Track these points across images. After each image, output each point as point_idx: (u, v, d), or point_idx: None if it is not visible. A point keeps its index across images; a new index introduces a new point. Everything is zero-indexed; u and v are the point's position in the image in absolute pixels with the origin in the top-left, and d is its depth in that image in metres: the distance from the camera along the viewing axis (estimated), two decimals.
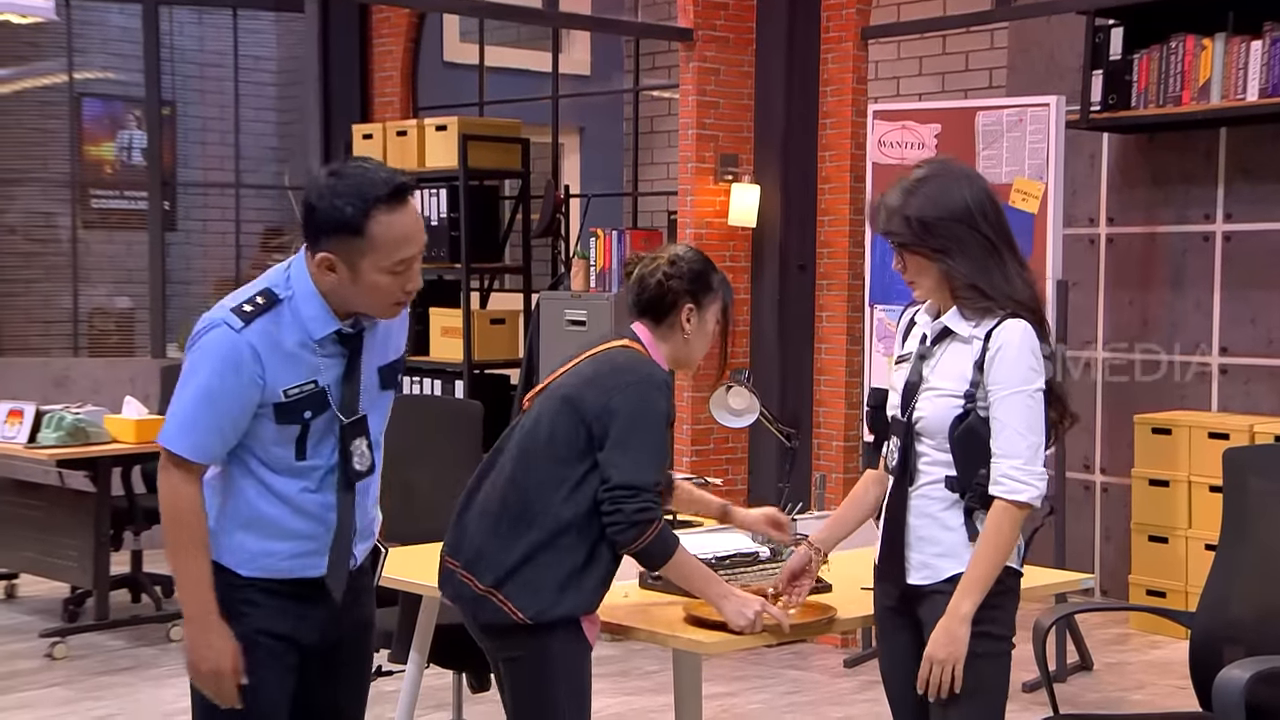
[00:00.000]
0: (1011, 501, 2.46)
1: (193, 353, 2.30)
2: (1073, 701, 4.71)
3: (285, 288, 2.32)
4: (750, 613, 2.63)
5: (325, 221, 2.25)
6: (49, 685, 4.88)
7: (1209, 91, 5.30)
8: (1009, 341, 2.47)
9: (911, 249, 2.52)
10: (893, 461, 2.59)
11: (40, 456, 5.21)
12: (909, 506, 2.55)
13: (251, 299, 2.30)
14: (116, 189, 7.60)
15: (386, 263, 2.27)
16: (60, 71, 7.45)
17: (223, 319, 2.29)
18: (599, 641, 2.69)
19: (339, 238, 2.25)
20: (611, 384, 2.61)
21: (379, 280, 2.28)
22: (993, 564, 2.47)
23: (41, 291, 7.46)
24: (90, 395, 6.46)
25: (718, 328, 2.77)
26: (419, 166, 6.53)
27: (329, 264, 2.27)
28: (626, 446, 2.56)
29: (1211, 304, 5.88)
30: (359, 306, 2.33)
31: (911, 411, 2.54)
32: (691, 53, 5.83)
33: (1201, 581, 3.19)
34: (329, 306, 2.31)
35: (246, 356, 2.26)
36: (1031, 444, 2.47)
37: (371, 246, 2.25)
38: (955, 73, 7.26)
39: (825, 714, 4.64)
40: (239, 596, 2.36)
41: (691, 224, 5.85)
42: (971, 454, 2.48)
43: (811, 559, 2.77)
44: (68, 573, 5.46)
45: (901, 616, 2.61)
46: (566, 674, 2.62)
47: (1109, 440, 6.15)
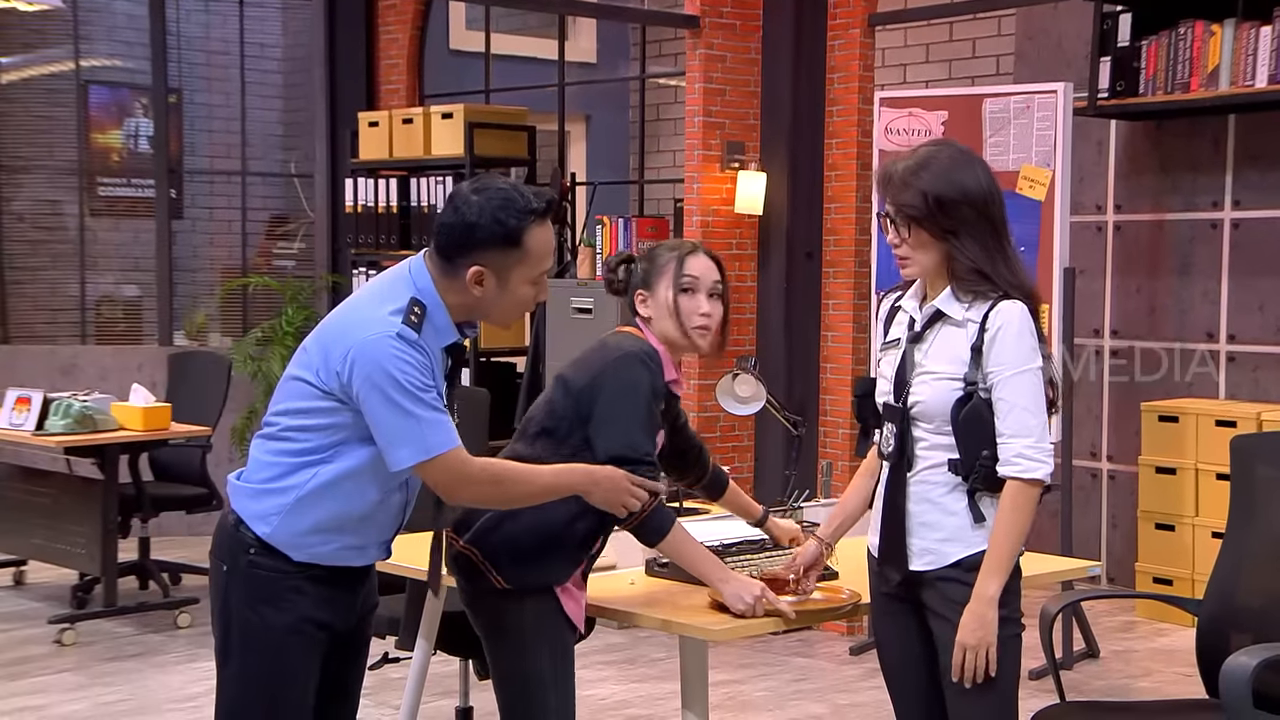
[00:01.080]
0: (1028, 480, 2.46)
1: (373, 371, 2.29)
2: (1079, 689, 4.71)
3: (424, 299, 2.39)
4: (750, 597, 2.63)
5: (487, 236, 2.37)
6: (58, 671, 4.90)
7: (1218, 78, 5.28)
8: (1009, 322, 2.47)
9: (920, 224, 2.51)
10: (888, 447, 2.58)
11: (48, 444, 5.22)
12: (908, 492, 2.55)
13: (409, 310, 2.35)
14: (123, 177, 7.60)
15: (534, 273, 2.43)
16: (67, 59, 7.45)
17: (395, 330, 2.32)
18: (608, 629, 2.69)
19: (497, 250, 2.38)
20: (597, 361, 2.67)
21: (525, 292, 2.43)
22: (1014, 544, 2.47)
23: (49, 279, 7.47)
24: (97, 383, 6.47)
25: (687, 295, 2.73)
26: (425, 154, 6.52)
27: (479, 277, 2.38)
28: (614, 419, 2.60)
29: (1219, 291, 5.86)
30: (491, 316, 2.46)
31: (906, 396, 2.53)
32: (698, 40, 5.81)
33: (1208, 569, 3.19)
34: (451, 320, 2.42)
35: (424, 355, 2.34)
36: (1040, 421, 2.48)
37: (526, 257, 2.40)
38: (962, 60, 7.24)
39: (831, 701, 4.65)
40: (288, 584, 2.38)
41: (698, 211, 5.84)
42: (975, 436, 2.47)
43: (823, 553, 2.78)
44: (76, 559, 5.48)
45: (901, 602, 2.60)
46: (549, 646, 2.63)
47: (1116, 428, 6.14)
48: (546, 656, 2.64)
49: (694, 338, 2.74)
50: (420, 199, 6.49)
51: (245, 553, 2.40)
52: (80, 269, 7.45)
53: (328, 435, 2.37)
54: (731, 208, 5.84)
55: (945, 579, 2.51)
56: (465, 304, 2.41)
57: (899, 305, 2.63)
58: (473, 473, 2.39)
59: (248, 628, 2.40)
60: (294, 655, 2.39)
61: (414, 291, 2.38)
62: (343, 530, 2.41)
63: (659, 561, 3.00)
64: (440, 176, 6.42)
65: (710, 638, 2.71)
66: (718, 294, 2.77)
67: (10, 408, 5.42)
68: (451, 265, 2.39)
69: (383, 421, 2.31)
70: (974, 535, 2.50)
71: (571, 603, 2.66)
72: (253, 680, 2.41)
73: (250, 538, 2.40)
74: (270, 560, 2.38)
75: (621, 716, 4.46)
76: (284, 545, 2.39)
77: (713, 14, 5.80)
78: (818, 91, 5.77)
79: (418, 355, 2.32)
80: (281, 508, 2.38)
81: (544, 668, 2.64)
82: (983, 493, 2.50)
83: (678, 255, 2.75)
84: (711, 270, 2.77)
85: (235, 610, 2.41)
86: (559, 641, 2.66)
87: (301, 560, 2.39)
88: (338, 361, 2.33)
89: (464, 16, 8.91)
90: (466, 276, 2.38)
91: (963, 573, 2.50)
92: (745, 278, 5.94)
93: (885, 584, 2.63)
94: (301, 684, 2.42)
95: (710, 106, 5.82)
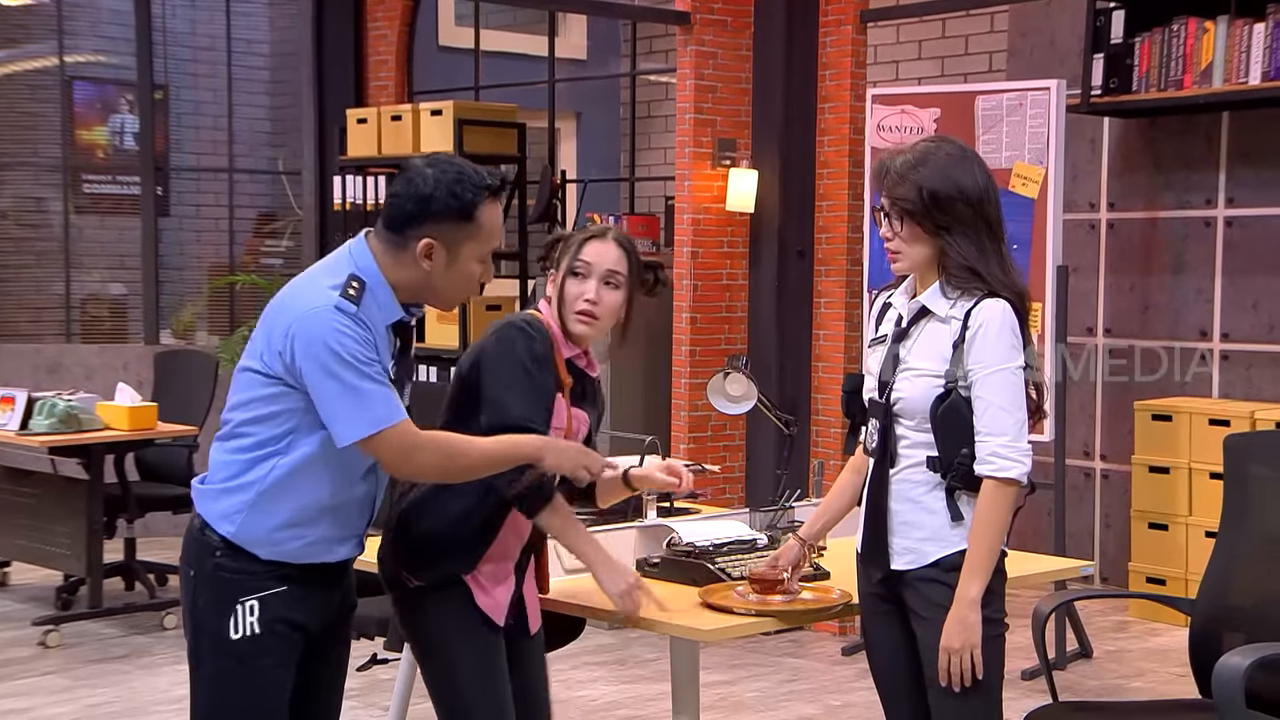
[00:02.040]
0: (1002, 479, 2.45)
1: (312, 346, 2.27)
2: (1072, 689, 4.69)
3: (364, 275, 2.36)
4: (624, 584, 2.60)
5: (441, 208, 2.35)
6: (43, 674, 4.86)
7: (1211, 75, 5.26)
8: (989, 320, 2.46)
9: (914, 219, 2.49)
10: (872, 444, 2.57)
11: (32, 444, 5.17)
12: (890, 491, 2.53)
13: (347, 284, 2.33)
14: (109, 174, 7.55)
15: (483, 250, 2.41)
16: (51, 54, 7.39)
17: (333, 304, 2.30)
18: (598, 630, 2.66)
19: (449, 224, 2.36)
20: (480, 342, 2.66)
21: (473, 269, 2.41)
22: (992, 544, 2.46)
23: (33, 277, 7.42)
24: (83, 382, 6.43)
25: (577, 279, 2.65)
26: (414, 151, 6.48)
27: (429, 250, 2.36)
28: (494, 388, 2.57)
29: (1213, 290, 5.84)
30: (436, 294, 2.41)
31: (890, 393, 2.52)
32: (689, 36, 5.78)
33: (1201, 569, 3.17)
34: (395, 298, 2.38)
35: (364, 330, 2.31)
36: (1017, 420, 2.46)
37: (477, 232, 2.38)
38: (955, 56, 7.22)
39: (823, 701, 4.62)
40: (256, 585, 2.35)
41: (689, 209, 5.81)
42: (953, 433, 2.46)
43: (803, 554, 2.75)
44: (60, 560, 5.44)
45: (885, 602, 2.59)
46: (465, 640, 2.59)
47: (1109, 427, 6.12)
48: (462, 651, 2.60)
49: (569, 321, 2.66)
50: None
51: (211, 555, 2.37)
52: (65, 267, 7.40)
53: (279, 424, 2.34)
54: (723, 205, 5.81)
55: (925, 579, 2.50)
56: (412, 281, 2.38)
57: (890, 302, 2.63)
58: (421, 444, 2.35)
59: (216, 631, 2.37)
60: (265, 657, 2.35)
61: (353, 269, 2.36)
62: (310, 524, 2.38)
63: (650, 561, 2.97)
64: None
65: (701, 638, 2.69)
66: (616, 283, 2.67)
67: None
68: (401, 238, 2.36)
69: (326, 396, 2.29)
70: (953, 534, 2.49)
71: (484, 596, 2.61)
72: (224, 684, 2.38)
73: (215, 540, 2.37)
74: (236, 562, 2.35)
75: (613, 718, 4.43)
76: (250, 543, 2.36)
77: (704, 10, 5.77)
78: (809, 88, 5.74)
79: (357, 328, 2.29)
80: (244, 505, 2.35)
81: (458, 663, 2.60)
82: (961, 491, 2.48)
83: (580, 239, 2.71)
84: (610, 258, 2.67)
85: (203, 614, 2.38)
86: (474, 636, 2.61)
87: (270, 559, 2.36)
88: (279, 340, 2.31)
89: (453, 12, 8.87)
90: (416, 249, 2.35)
91: (942, 572, 2.49)
92: (736, 276, 5.91)
93: (869, 583, 2.61)
94: (275, 686, 2.38)
95: (701, 103, 5.79)
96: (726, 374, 3.40)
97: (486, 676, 2.60)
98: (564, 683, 4.70)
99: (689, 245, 5.80)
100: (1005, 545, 2.54)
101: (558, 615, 2.81)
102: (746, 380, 3.37)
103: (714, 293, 5.86)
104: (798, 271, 5.81)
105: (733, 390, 3.40)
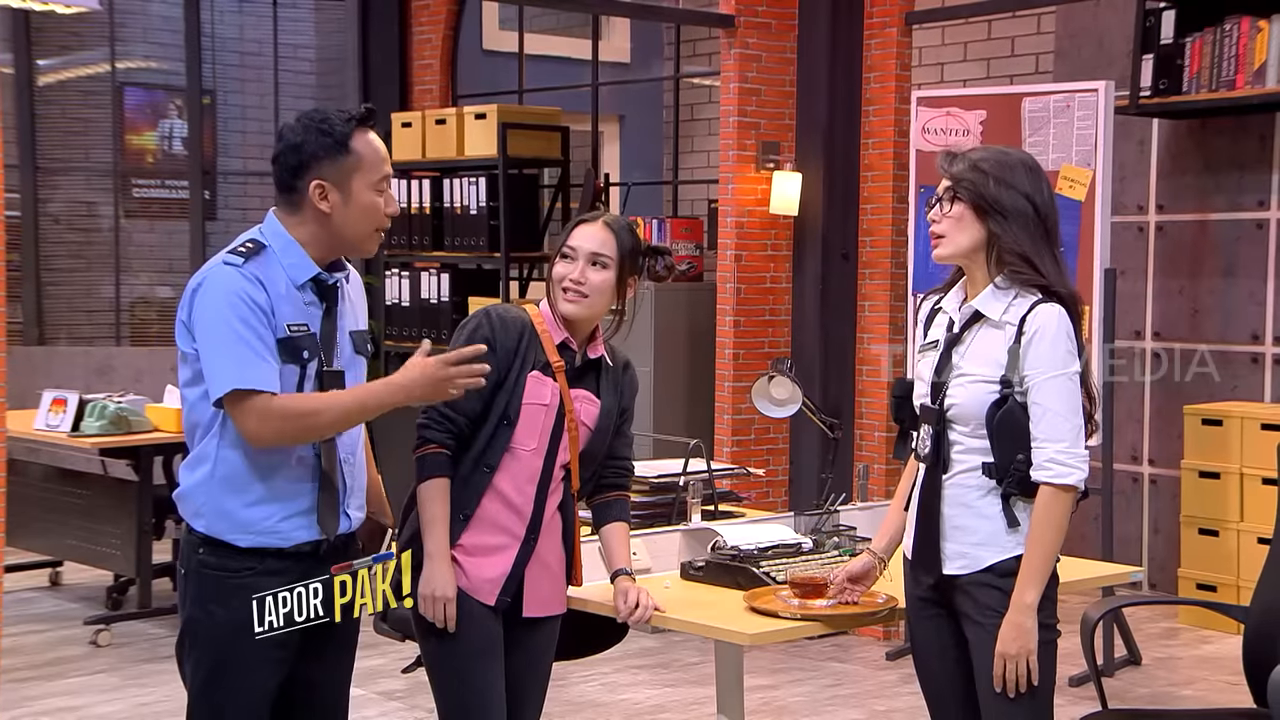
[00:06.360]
0: (1060, 486, 2.43)
1: (202, 300, 2.36)
2: (1121, 696, 4.64)
3: (264, 239, 2.44)
4: (429, 590, 2.55)
5: (315, 149, 2.41)
6: (94, 672, 4.91)
7: (1264, 75, 5.18)
8: (1045, 325, 2.45)
9: (971, 197, 2.48)
10: (924, 449, 2.56)
11: (83, 445, 5.23)
12: (943, 496, 2.52)
13: (238, 247, 2.42)
14: (158, 178, 7.64)
15: (374, 177, 2.44)
16: (103, 61, 7.49)
17: (221, 261, 2.40)
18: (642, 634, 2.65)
19: (329, 161, 2.42)
20: None
21: (369, 198, 2.44)
22: (1050, 550, 2.45)
23: (84, 281, 7.52)
24: (132, 384, 6.49)
25: (565, 261, 2.69)
26: (458, 155, 6.51)
27: (321, 191, 2.42)
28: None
29: (1265, 293, 5.76)
30: (347, 237, 2.45)
31: (943, 399, 2.50)
32: (733, 39, 5.77)
33: (1253, 576, 3.12)
34: (308, 255, 2.44)
35: (255, 286, 2.37)
36: (1074, 426, 2.45)
37: (360, 162, 2.43)
38: (1001, 58, 7.16)
39: (868, 706, 4.59)
40: (238, 582, 2.36)
41: (732, 212, 5.80)
42: (1010, 440, 2.45)
43: (875, 567, 2.73)
44: (111, 561, 5.50)
45: (935, 606, 2.57)
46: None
47: (1157, 431, 6.05)
48: (431, 630, 2.61)
49: (557, 301, 2.68)
50: (453, 200, 6.47)
51: (195, 553, 2.42)
52: (115, 270, 7.49)
53: (210, 403, 2.37)
54: (766, 208, 5.79)
55: (979, 584, 2.49)
56: (319, 231, 2.43)
57: (939, 307, 2.61)
58: (284, 408, 2.33)
59: (201, 627, 2.40)
60: (247, 652, 2.35)
61: (255, 235, 2.44)
62: (265, 494, 2.38)
63: (694, 565, 2.97)
64: (473, 177, 6.40)
65: (745, 642, 2.68)
66: (603, 264, 2.66)
67: (46, 409, 5.44)
68: (294, 193, 2.43)
69: (206, 348, 2.35)
70: (1008, 540, 2.48)
71: (467, 567, 2.61)
72: (209, 678, 2.40)
73: (196, 537, 2.42)
74: (217, 557, 2.39)
75: None
76: (223, 533, 2.39)
77: (748, 13, 5.76)
78: (854, 91, 5.71)
79: (247, 285, 2.34)
80: (206, 490, 2.39)
81: (431, 640, 2.62)
82: (1017, 497, 2.47)
83: (572, 224, 2.74)
84: (596, 239, 2.67)
85: (190, 611, 2.42)
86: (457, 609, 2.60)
87: (249, 546, 2.38)
88: (184, 310, 2.40)
89: (497, 16, 8.90)
90: (310, 196, 2.41)
91: (996, 578, 2.48)
92: (780, 279, 5.90)
93: (918, 587, 2.60)
94: (257, 682, 2.39)
95: (745, 106, 5.77)
96: (771, 377, 3.39)
97: (474, 657, 2.60)
98: (607, 686, 4.70)
99: (732, 249, 5.79)
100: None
101: (598, 617, 2.80)
102: (791, 383, 3.35)
103: (757, 296, 5.84)
104: (841, 275, 5.78)
105: (777, 393, 3.38)
